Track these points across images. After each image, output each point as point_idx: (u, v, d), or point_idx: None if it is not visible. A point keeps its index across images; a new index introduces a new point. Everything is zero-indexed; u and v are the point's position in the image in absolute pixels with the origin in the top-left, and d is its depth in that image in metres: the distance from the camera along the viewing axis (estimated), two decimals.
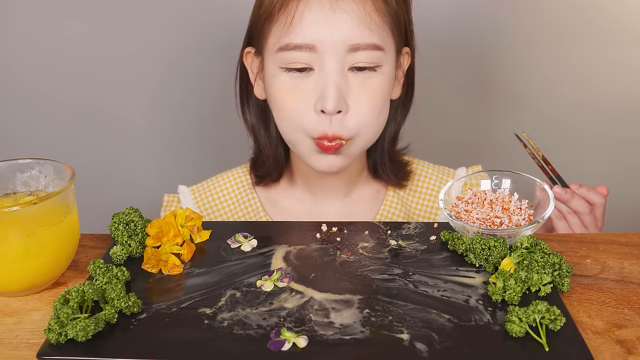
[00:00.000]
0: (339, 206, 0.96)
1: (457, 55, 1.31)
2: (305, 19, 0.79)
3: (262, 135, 0.94)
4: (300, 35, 0.79)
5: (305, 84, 0.82)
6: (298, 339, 0.55)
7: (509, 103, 1.35)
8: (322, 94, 0.80)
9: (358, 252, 0.69)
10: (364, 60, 0.80)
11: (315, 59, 0.80)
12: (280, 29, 0.81)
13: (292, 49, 0.80)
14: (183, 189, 1.00)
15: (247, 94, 0.94)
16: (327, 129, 0.81)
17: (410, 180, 0.98)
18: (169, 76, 1.33)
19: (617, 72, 1.31)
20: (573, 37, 1.29)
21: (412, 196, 0.97)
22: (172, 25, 1.29)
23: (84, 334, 0.55)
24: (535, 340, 0.54)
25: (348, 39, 0.79)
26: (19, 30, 1.28)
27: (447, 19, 1.27)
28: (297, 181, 0.96)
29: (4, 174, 0.70)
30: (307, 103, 0.82)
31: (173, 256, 0.67)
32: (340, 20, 0.78)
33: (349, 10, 0.79)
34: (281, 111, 0.85)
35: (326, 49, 0.79)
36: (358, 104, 0.82)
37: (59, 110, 1.35)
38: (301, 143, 0.85)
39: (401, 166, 0.97)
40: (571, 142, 1.37)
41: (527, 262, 0.62)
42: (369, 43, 0.80)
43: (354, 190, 0.96)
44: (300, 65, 0.81)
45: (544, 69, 1.32)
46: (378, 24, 0.80)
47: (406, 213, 0.96)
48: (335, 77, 0.80)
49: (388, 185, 0.97)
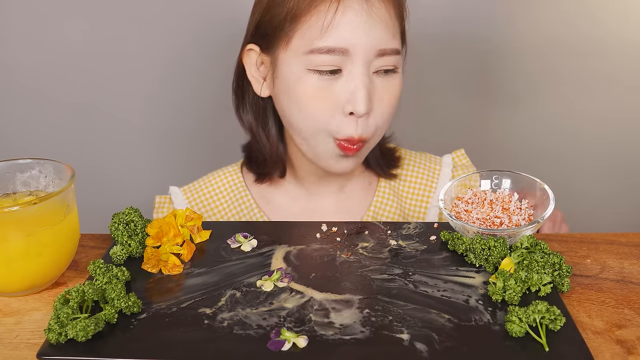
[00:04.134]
0: (333, 200, 0.97)
1: (454, 54, 1.31)
2: (342, 23, 0.80)
3: (261, 134, 0.94)
4: (337, 39, 0.80)
5: (333, 86, 0.82)
6: (298, 339, 0.55)
7: (507, 103, 1.35)
8: (352, 97, 0.81)
9: (358, 252, 0.69)
10: (387, 64, 0.83)
11: (346, 62, 0.81)
12: (312, 31, 0.81)
13: (325, 52, 0.81)
14: (175, 189, 1.00)
15: (243, 92, 0.94)
16: (354, 131, 0.83)
17: (400, 168, 0.99)
18: (169, 76, 1.33)
19: (617, 72, 1.31)
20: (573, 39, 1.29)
21: (402, 185, 0.99)
22: (172, 25, 1.29)
23: (84, 334, 0.55)
24: (535, 340, 0.54)
25: (378, 44, 0.81)
26: (19, 30, 1.28)
27: (446, 18, 1.27)
28: (291, 178, 0.97)
29: (4, 174, 0.70)
30: (335, 105, 0.82)
31: (173, 256, 0.67)
32: (374, 26, 0.80)
33: (381, 16, 0.81)
34: (305, 112, 0.84)
35: (358, 52, 0.80)
36: (381, 105, 0.84)
37: (59, 109, 1.34)
38: (321, 144, 0.85)
39: (389, 154, 0.98)
40: (571, 142, 1.37)
41: (527, 262, 0.62)
42: (393, 48, 0.83)
43: (347, 184, 0.97)
44: (331, 68, 0.81)
45: (542, 71, 1.32)
46: (397, 28, 0.84)
47: (399, 203, 0.97)
48: (365, 80, 0.81)
49: (379, 177, 0.98)
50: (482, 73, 1.33)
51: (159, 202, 0.99)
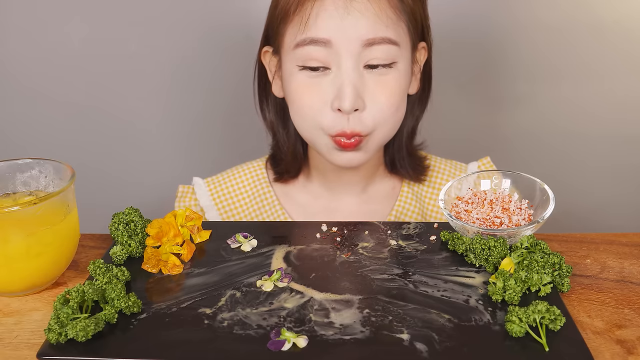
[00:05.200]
0: (355, 202, 0.97)
1: (459, 53, 1.31)
2: (321, 16, 0.80)
3: (281, 133, 0.95)
4: (317, 30, 0.80)
5: (322, 83, 0.83)
6: (298, 339, 0.55)
7: (506, 104, 1.35)
8: (338, 93, 0.81)
9: (358, 252, 0.69)
10: (379, 57, 0.82)
11: (332, 56, 0.81)
12: (296, 28, 0.82)
13: (308, 43, 0.81)
14: (198, 180, 1.00)
15: (266, 92, 0.95)
16: (345, 126, 0.82)
17: (426, 175, 0.99)
18: (170, 75, 1.33)
19: (619, 73, 1.31)
20: (576, 36, 1.29)
21: (425, 192, 0.98)
22: (173, 24, 1.29)
23: (84, 334, 0.55)
24: (535, 340, 0.54)
25: (363, 34, 0.80)
26: (19, 30, 1.28)
27: (450, 18, 1.27)
28: (313, 177, 0.97)
29: (4, 174, 0.70)
30: (324, 101, 0.83)
31: (173, 256, 0.67)
32: (355, 18, 0.80)
33: (362, 10, 0.80)
34: (298, 109, 0.86)
35: (342, 45, 0.80)
36: (375, 101, 0.83)
37: (59, 110, 1.34)
38: (319, 140, 0.86)
39: (419, 161, 0.98)
40: (573, 140, 1.37)
41: (527, 262, 0.62)
42: (383, 37, 0.81)
43: (370, 185, 0.97)
44: (316, 64, 0.82)
45: (543, 71, 1.32)
46: (393, 20, 0.82)
47: (420, 209, 0.97)
48: (351, 75, 0.81)
49: (402, 181, 0.98)
50: (484, 71, 1.33)
51: (182, 192, 1.00)
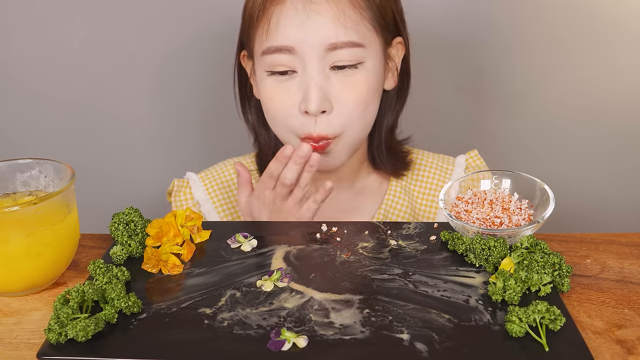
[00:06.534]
0: (343, 198, 0.97)
1: (453, 54, 1.31)
2: (282, 22, 0.81)
3: (262, 134, 0.97)
4: (278, 38, 0.82)
5: (290, 86, 0.84)
6: (298, 339, 0.55)
7: (506, 104, 1.35)
8: (305, 95, 0.82)
9: (358, 252, 0.69)
10: (344, 59, 0.82)
11: (296, 61, 0.82)
12: (261, 36, 0.84)
13: (273, 52, 0.83)
14: (192, 175, 1.01)
15: (247, 95, 0.97)
16: (312, 129, 0.84)
17: (412, 169, 0.99)
18: (169, 75, 1.33)
19: (616, 73, 1.31)
20: (572, 39, 1.29)
21: (414, 185, 0.99)
22: (172, 24, 1.29)
23: (84, 334, 0.55)
24: (535, 340, 0.54)
25: (325, 39, 0.81)
26: (19, 30, 1.28)
27: (443, 17, 1.27)
28: None
29: (4, 174, 0.70)
30: (292, 104, 0.84)
31: (173, 256, 0.67)
32: (315, 22, 0.80)
33: (322, 12, 0.80)
34: (270, 112, 0.88)
35: (305, 50, 0.81)
36: (342, 102, 0.83)
37: (58, 110, 1.34)
38: (292, 142, 0.87)
39: (400, 156, 0.98)
40: (570, 142, 1.37)
41: (527, 262, 0.62)
42: (346, 41, 0.81)
43: (357, 181, 0.98)
44: (282, 69, 0.83)
45: (542, 70, 1.32)
46: (356, 20, 0.82)
47: (410, 202, 0.97)
48: (316, 78, 0.82)
49: (390, 176, 0.98)
50: (479, 73, 1.33)
51: (178, 185, 1.00)
